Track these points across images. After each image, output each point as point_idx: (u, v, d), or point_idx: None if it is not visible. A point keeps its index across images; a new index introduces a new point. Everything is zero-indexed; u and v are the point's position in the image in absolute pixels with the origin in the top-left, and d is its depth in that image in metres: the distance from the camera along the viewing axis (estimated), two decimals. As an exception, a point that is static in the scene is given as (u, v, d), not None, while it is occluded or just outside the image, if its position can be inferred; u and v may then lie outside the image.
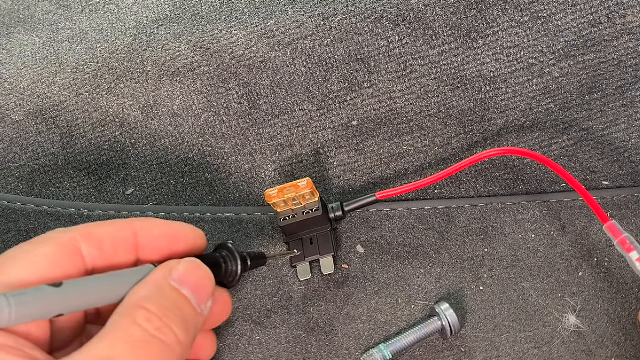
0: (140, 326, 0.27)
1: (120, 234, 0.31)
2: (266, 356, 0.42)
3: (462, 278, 0.44)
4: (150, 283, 0.29)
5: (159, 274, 0.30)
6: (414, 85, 0.48)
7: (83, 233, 0.30)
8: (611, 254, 0.44)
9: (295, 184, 0.42)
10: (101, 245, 0.30)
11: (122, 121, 0.49)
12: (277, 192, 0.42)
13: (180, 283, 0.30)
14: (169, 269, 0.30)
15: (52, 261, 0.28)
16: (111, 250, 0.30)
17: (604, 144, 0.48)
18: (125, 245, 0.31)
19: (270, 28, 0.48)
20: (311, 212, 0.44)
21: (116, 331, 0.27)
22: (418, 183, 0.43)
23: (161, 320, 0.28)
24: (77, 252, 0.29)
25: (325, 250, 0.44)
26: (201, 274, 0.31)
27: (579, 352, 0.41)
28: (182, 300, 0.29)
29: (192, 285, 0.30)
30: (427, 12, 0.47)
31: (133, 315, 0.28)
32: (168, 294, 0.29)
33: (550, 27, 0.46)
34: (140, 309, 0.28)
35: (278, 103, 0.48)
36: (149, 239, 0.32)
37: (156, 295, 0.29)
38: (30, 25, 0.53)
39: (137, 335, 0.27)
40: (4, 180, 0.49)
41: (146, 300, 0.28)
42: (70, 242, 0.29)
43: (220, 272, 0.34)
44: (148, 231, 0.32)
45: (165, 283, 0.29)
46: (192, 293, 0.30)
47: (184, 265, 0.30)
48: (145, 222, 0.32)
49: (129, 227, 0.31)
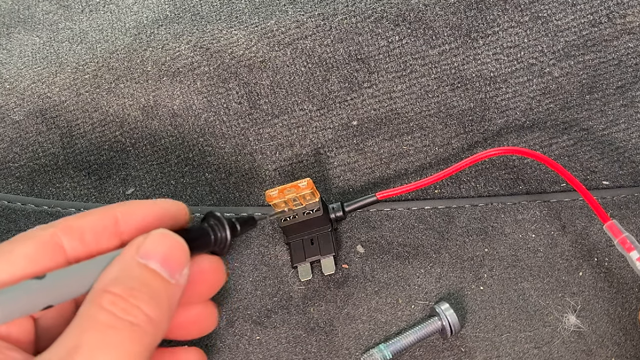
0: (106, 310, 0.27)
1: (100, 223, 0.30)
2: (266, 356, 0.42)
3: (462, 278, 0.44)
4: (116, 264, 0.29)
5: (125, 253, 0.29)
6: (414, 85, 0.48)
7: (63, 227, 0.29)
8: (611, 254, 0.44)
9: (295, 184, 0.42)
10: (83, 237, 0.30)
11: (122, 121, 0.49)
12: (278, 192, 0.42)
13: (146, 257, 0.29)
14: (135, 246, 0.29)
15: (33, 259, 0.28)
16: (93, 241, 0.30)
17: (604, 144, 0.48)
18: (107, 233, 0.30)
19: (270, 28, 0.48)
20: (312, 213, 0.44)
21: (82, 319, 0.27)
22: (418, 183, 0.43)
23: (126, 301, 0.27)
24: (58, 247, 0.29)
25: (326, 250, 0.44)
26: (169, 243, 0.30)
27: (579, 352, 0.41)
28: (150, 275, 0.29)
29: (160, 256, 0.29)
30: (427, 12, 0.47)
31: (99, 300, 0.27)
32: (134, 272, 0.28)
33: (550, 27, 0.46)
34: (105, 293, 0.27)
35: (278, 103, 0.48)
36: (131, 223, 0.31)
37: (121, 276, 0.28)
38: (30, 25, 0.53)
39: (103, 319, 0.26)
40: (4, 180, 0.49)
41: (111, 283, 0.28)
42: (51, 238, 0.29)
43: (210, 240, 0.33)
44: (129, 216, 0.31)
45: (131, 261, 0.29)
46: (160, 265, 0.29)
47: (149, 238, 0.30)
48: (125, 207, 0.31)
49: (110, 214, 0.31)
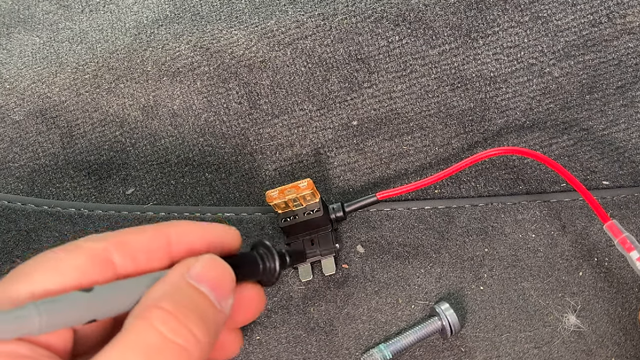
0: (155, 329, 0.26)
1: (154, 243, 0.30)
2: (266, 356, 0.42)
3: (462, 278, 0.44)
4: (166, 282, 0.28)
5: (176, 272, 0.29)
6: (414, 85, 0.48)
7: (116, 243, 0.29)
8: (611, 254, 0.44)
9: (296, 184, 0.42)
10: (135, 256, 0.29)
11: (122, 121, 0.49)
12: (278, 193, 0.42)
13: (197, 280, 0.29)
14: (186, 267, 0.29)
15: (82, 271, 0.27)
16: (145, 259, 0.29)
17: (604, 144, 0.48)
18: (158, 254, 0.30)
19: (270, 28, 0.48)
20: (312, 213, 0.44)
21: (129, 335, 0.26)
22: (418, 183, 0.43)
23: (178, 320, 0.27)
24: (108, 262, 0.28)
25: (327, 251, 0.44)
26: (219, 270, 0.30)
27: (579, 352, 0.41)
28: (200, 298, 0.28)
29: (210, 281, 0.29)
30: (427, 12, 0.47)
31: (147, 316, 0.26)
32: (185, 291, 0.28)
33: (550, 27, 0.46)
34: (155, 308, 0.27)
35: (278, 103, 0.48)
36: (183, 244, 0.31)
37: (172, 293, 0.28)
38: (30, 25, 0.53)
39: (151, 340, 0.26)
40: (4, 180, 0.49)
41: (162, 299, 0.27)
42: (103, 252, 0.28)
43: (258, 270, 0.33)
44: (182, 237, 0.31)
45: (181, 281, 0.28)
46: (210, 289, 0.29)
47: (201, 262, 0.29)
48: (179, 228, 0.31)
49: (163, 235, 0.30)
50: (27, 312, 0.24)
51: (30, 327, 0.25)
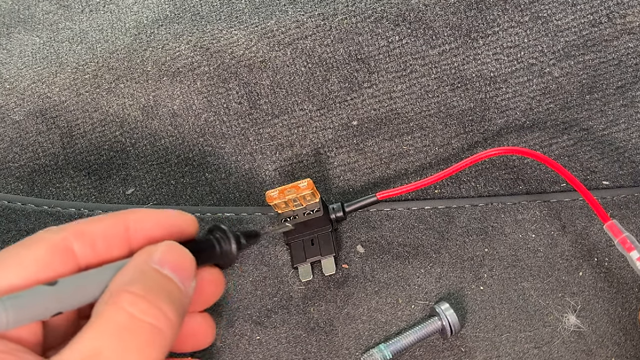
0: (125, 311, 0.26)
1: (112, 230, 0.30)
2: (266, 356, 0.42)
3: (462, 278, 0.44)
4: (131, 268, 0.29)
5: (138, 259, 0.29)
6: (414, 85, 0.48)
7: (75, 232, 0.29)
8: (611, 254, 0.44)
9: (295, 184, 0.42)
10: (94, 244, 0.30)
11: (122, 121, 0.49)
12: (278, 193, 0.42)
13: (160, 264, 0.29)
14: (147, 253, 0.30)
15: (44, 263, 0.28)
16: (104, 247, 0.30)
17: (604, 144, 0.48)
18: (117, 241, 0.30)
19: (270, 28, 0.48)
20: (312, 213, 0.44)
21: (101, 320, 0.26)
22: (418, 183, 0.43)
23: (147, 301, 0.27)
24: (69, 252, 0.29)
25: (327, 251, 0.44)
26: (179, 254, 0.30)
27: (579, 352, 0.41)
28: (166, 280, 0.29)
29: (172, 265, 0.30)
30: (427, 12, 0.47)
31: (117, 300, 0.27)
32: (151, 275, 0.29)
33: (550, 27, 0.46)
34: (123, 292, 0.27)
35: (278, 103, 0.48)
36: (141, 231, 0.31)
37: (138, 277, 0.28)
38: (30, 25, 0.53)
39: (122, 321, 0.26)
40: (4, 180, 0.49)
41: (129, 284, 0.28)
42: (62, 242, 0.29)
43: (215, 253, 0.33)
44: (140, 224, 0.31)
45: (146, 266, 0.29)
46: (173, 272, 0.29)
47: (161, 247, 0.30)
48: (137, 215, 0.31)
49: (121, 222, 0.31)
50: None
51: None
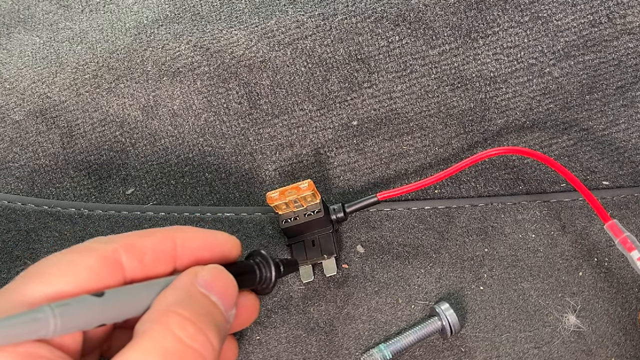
0: (173, 334, 0.26)
1: (161, 246, 0.30)
2: (266, 356, 0.42)
3: (462, 278, 0.44)
4: (178, 288, 0.29)
5: (185, 279, 0.29)
6: (414, 85, 0.48)
7: (125, 245, 0.29)
8: (611, 254, 0.44)
9: (296, 185, 0.42)
10: (142, 258, 0.30)
11: (122, 121, 0.49)
12: (279, 194, 0.42)
13: (207, 289, 0.29)
14: (194, 274, 0.30)
15: (94, 273, 0.28)
16: (152, 263, 0.30)
17: (604, 144, 0.48)
18: (165, 257, 0.31)
19: (270, 28, 0.48)
20: (313, 214, 0.44)
21: (148, 339, 0.26)
22: (419, 183, 0.43)
23: (195, 326, 0.27)
24: (118, 264, 0.29)
25: (328, 251, 0.44)
26: (226, 280, 0.31)
27: (579, 352, 0.41)
28: (212, 306, 0.29)
29: (219, 291, 0.30)
30: (427, 12, 0.47)
31: (165, 321, 0.27)
32: (198, 298, 0.29)
33: (550, 27, 0.46)
34: (172, 313, 0.27)
35: (278, 103, 0.48)
36: (188, 249, 0.31)
37: (186, 300, 0.28)
38: (30, 25, 0.53)
39: (170, 344, 0.26)
40: (4, 180, 0.49)
41: (177, 305, 0.27)
42: (113, 254, 0.29)
43: (255, 279, 0.33)
44: (188, 242, 0.31)
45: (193, 288, 0.29)
46: (218, 298, 0.29)
47: (208, 271, 0.30)
48: (185, 233, 0.31)
49: (170, 239, 0.31)
50: (42, 314, 0.25)
51: (45, 330, 0.25)
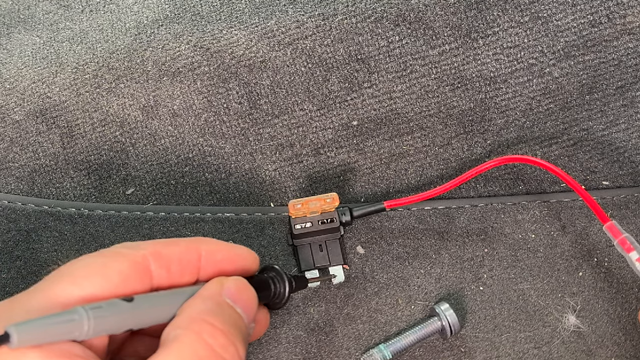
0: (205, 342, 0.27)
1: (187, 256, 0.31)
2: (266, 356, 0.42)
3: (462, 278, 0.44)
4: (207, 297, 0.30)
5: (212, 289, 0.30)
6: (414, 85, 0.48)
7: (153, 252, 0.30)
8: (611, 254, 0.44)
9: (322, 198, 0.42)
10: (169, 267, 0.30)
11: (122, 121, 0.49)
12: (302, 205, 0.42)
13: (232, 300, 0.30)
14: (220, 285, 0.30)
15: (124, 278, 0.28)
16: (178, 272, 0.31)
17: (604, 144, 0.48)
18: (190, 267, 0.31)
19: (270, 28, 0.48)
20: (326, 222, 0.44)
21: (181, 345, 0.27)
22: (426, 194, 0.44)
23: (226, 337, 0.28)
24: (147, 271, 0.30)
25: (335, 259, 0.44)
26: (249, 293, 0.31)
27: (579, 352, 0.41)
28: (238, 317, 0.30)
29: (243, 303, 0.31)
30: (427, 12, 0.47)
31: (198, 329, 0.27)
32: (227, 309, 0.29)
33: (550, 27, 0.46)
34: (204, 323, 0.28)
35: (278, 103, 0.48)
36: (212, 261, 0.32)
37: (217, 310, 0.29)
38: (30, 25, 0.53)
39: (202, 352, 0.27)
40: (4, 180, 0.49)
41: (208, 313, 0.28)
42: (142, 260, 0.29)
43: (270, 293, 0.34)
44: (212, 255, 0.32)
45: (220, 298, 0.30)
46: (243, 310, 0.30)
47: (234, 283, 0.31)
48: (210, 245, 0.32)
49: (195, 250, 0.32)
50: (77, 316, 0.25)
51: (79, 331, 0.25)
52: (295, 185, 0.48)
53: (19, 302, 0.27)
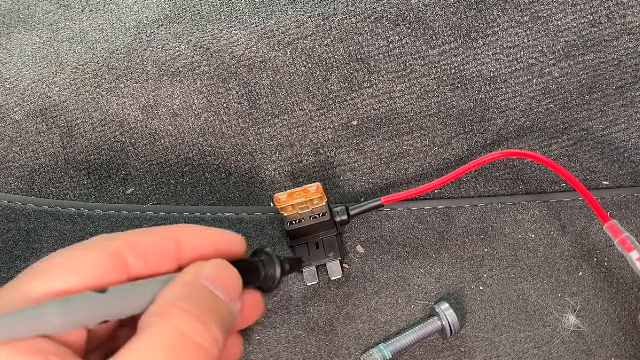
0: (177, 328, 0.26)
1: (165, 244, 0.30)
2: (266, 356, 0.42)
3: (462, 278, 0.44)
4: (181, 283, 0.29)
5: (189, 274, 0.29)
6: (414, 85, 0.48)
7: (129, 243, 0.29)
8: (611, 254, 0.44)
9: (305, 188, 0.42)
10: (146, 256, 0.30)
11: (122, 121, 0.49)
12: (287, 196, 0.42)
13: (211, 282, 0.29)
14: (198, 269, 0.30)
15: (98, 270, 0.28)
16: (156, 261, 0.30)
17: (604, 144, 0.48)
18: (169, 255, 0.31)
19: (270, 28, 0.48)
20: (319, 217, 0.44)
21: (151, 334, 0.26)
22: (422, 188, 0.43)
23: (199, 321, 0.27)
24: (122, 261, 0.29)
25: (332, 254, 0.44)
26: (230, 274, 0.30)
27: (579, 352, 0.41)
28: (216, 300, 0.29)
29: (223, 284, 0.30)
30: (427, 12, 0.47)
31: (168, 315, 0.27)
32: (202, 293, 0.29)
33: (550, 27, 0.46)
34: (175, 308, 0.27)
35: (278, 103, 0.48)
36: (192, 248, 0.31)
37: (190, 294, 0.28)
38: (30, 25, 0.53)
39: (174, 339, 0.26)
40: (4, 180, 0.49)
41: (181, 299, 0.27)
42: (117, 251, 0.29)
43: (259, 276, 0.34)
44: (192, 241, 0.31)
45: (197, 282, 0.29)
46: (223, 292, 0.29)
47: (212, 265, 0.30)
48: (189, 232, 0.31)
49: (174, 237, 0.31)
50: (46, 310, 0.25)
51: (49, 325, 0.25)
52: (295, 185, 0.48)
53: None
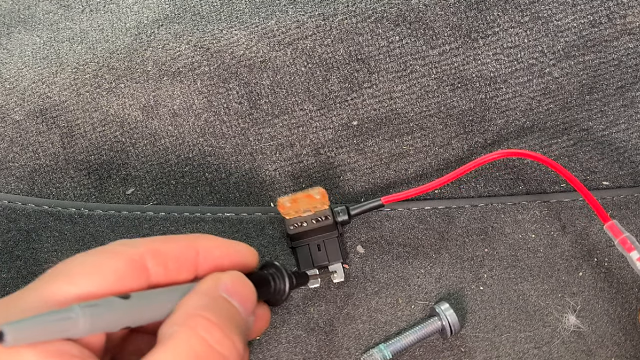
0: (201, 337, 0.27)
1: (184, 253, 0.31)
2: (266, 356, 0.42)
3: (462, 278, 0.44)
4: (202, 293, 0.29)
5: (208, 284, 0.30)
6: (414, 85, 0.48)
7: (150, 250, 0.30)
8: (611, 254, 0.44)
9: (309, 194, 0.42)
10: (166, 264, 0.30)
11: (122, 121, 0.49)
12: (290, 202, 0.42)
13: (228, 294, 0.30)
14: (217, 280, 0.30)
15: (120, 275, 0.28)
16: (175, 269, 0.31)
17: (604, 144, 0.48)
18: (188, 264, 0.31)
19: (270, 28, 0.48)
20: (321, 220, 0.44)
21: (177, 342, 0.27)
22: (422, 188, 0.43)
23: (222, 331, 0.28)
24: (144, 268, 0.29)
25: (334, 257, 0.44)
26: (246, 287, 0.31)
27: (579, 352, 0.41)
28: (235, 310, 0.30)
29: (240, 296, 0.30)
30: (427, 12, 0.47)
31: (192, 324, 0.27)
32: (223, 304, 0.29)
33: (550, 27, 0.46)
34: (198, 317, 0.28)
35: (278, 103, 0.48)
36: (209, 258, 0.32)
37: (211, 304, 0.29)
38: (30, 24, 0.53)
39: (198, 347, 0.27)
40: (4, 180, 0.49)
41: (203, 309, 0.28)
42: (139, 258, 0.29)
43: (269, 289, 0.34)
44: (209, 251, 0.32)
45: (216, 293, 0.30)
46: (240, 304, 0.30)
47: (229, 277, 0.31)
48: (208, 242, 0.32)
49: (193, 246, 0.32)
50: (74, 314, 0.25)
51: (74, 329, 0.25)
52: (295, 185, 0.48)
53: (14, 301, 0.27)
